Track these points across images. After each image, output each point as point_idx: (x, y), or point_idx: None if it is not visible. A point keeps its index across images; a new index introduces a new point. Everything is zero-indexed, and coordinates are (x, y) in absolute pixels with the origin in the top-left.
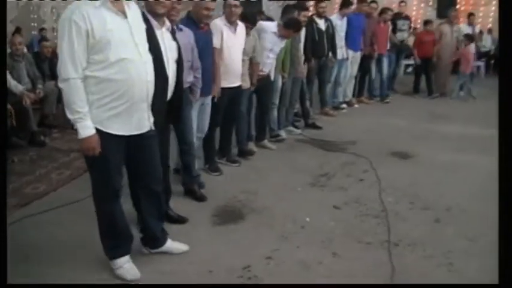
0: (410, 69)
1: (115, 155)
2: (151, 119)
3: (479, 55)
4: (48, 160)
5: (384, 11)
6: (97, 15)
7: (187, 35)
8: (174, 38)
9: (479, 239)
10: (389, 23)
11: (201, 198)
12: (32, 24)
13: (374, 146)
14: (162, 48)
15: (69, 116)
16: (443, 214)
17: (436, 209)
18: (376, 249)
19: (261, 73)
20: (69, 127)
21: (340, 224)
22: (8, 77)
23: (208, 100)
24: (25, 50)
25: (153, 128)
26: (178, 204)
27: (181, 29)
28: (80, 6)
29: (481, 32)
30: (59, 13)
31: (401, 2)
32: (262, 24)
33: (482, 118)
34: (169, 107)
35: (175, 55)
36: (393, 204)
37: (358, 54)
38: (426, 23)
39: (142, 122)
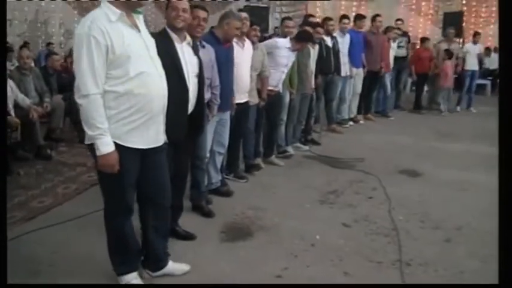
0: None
1: (131, 169)
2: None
3: (486, 73)
4: (54, 174)
5: (389, 29)
6: (114, 29)
7: (209, 53)
8: (196, 53)
9: (491, 259)
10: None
11: (208, 214)
12: (40, 39)
13: (381, 164)
14: (182, 63)
15: (89, 132)
16: (454, 233)
17: (446, 228)
18: (388, 269)
19: (275, 89)
20: (76, 141)
21: (350, 242)
22: (16, 90)
23: (227, 116)
24: (32, 64)
25: (166, 141)
26: (185, 220)
27: (204, 46)
28: (97, 20)
29: (488, 50)
30: (67, 28)
31: (398, 20)
32: (277, 40)
33: (488, 136)
34: (190, 120)
35: (196, 69)
36: (403, 222)
37: (361, 71)
38: (423, 40)
39: (158, 135)
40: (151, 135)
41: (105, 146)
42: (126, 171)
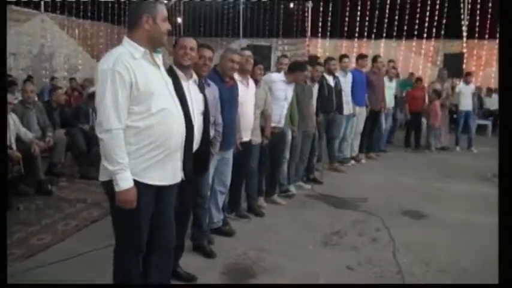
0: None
1: (147, 206)
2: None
3: (487, 114)
4: (54, 210)
5: (393, 69)
6: (138, 66)
7: (213, 91)
8: (202, 91)
9: None
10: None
11: (210, 255)
12: (44, 73)
13: (384, 204)
14: (188, 100)
15: (109, 167)
16: (460, 277)
17: (452, 271)
18: None
19: (278, 126)
20: (77, 176)
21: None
22: (19, 124)
23: (229, 154)
24: (36, 98)
25: (184, 178)
26: (186, 260)
27: (209, 84)
28: (121, 57)
29: (490, 91)
30: (72, 63)
31: (390, 61)
32: (271, 75)
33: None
34: (196, 157)
35: (201, 107)
36: (408, 265)
37: (364, 110)
38: (417, 80)
39: (175, 171)
40: (169, 171)
41: (126, 181)
42: (143, 208)
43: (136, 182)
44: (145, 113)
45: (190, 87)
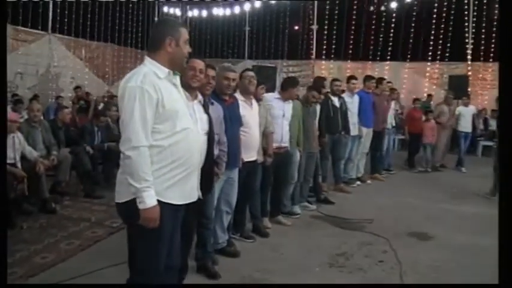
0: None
1: (169, 225)
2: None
3: (491, 135)
4: (57, 229)
5: (391, 90)
6: (162, 85)
7: (217, 110)
8: (206, 111)
9: None
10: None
11: (214, 276)
12: (50, 92)
13: (391, 225)
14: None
15: (136, 184)
16: None
17: None
18: None
19: (282, 145)
20: (81, 195)
21: None
22: (24, 143)
23: (234, 174)
24: (42, 117)
25: (201, 197)
26: (190, 281)
27: (212, 103)
28: (146, 76)
29: (494, 112)
30: (78, 83)
31: (388, 82)
32: (265, 96)
33: (497, 198)
34: (200, 177)
35: (206, 127)
36: None
37: (371, 131)
38: (414, 101)
39: (193, 190)
40: (188, 190)
41: (151, 199)
42: (165, 227)
43: (158, 201)
44: (169, 132)
45: (195, 107)
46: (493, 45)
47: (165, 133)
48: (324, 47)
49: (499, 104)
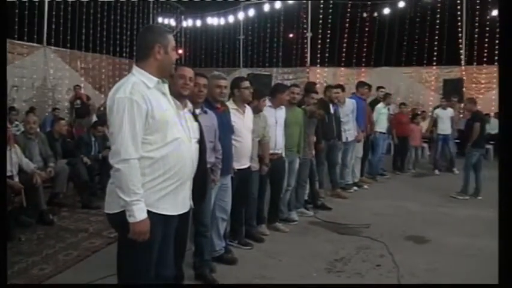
0: None
1: (158, 237)
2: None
3: (487, 138)
4: (55, 240)
5: (387, 95)
6: (152, 95)
7: (211, 118)
8: (196, 119)
9: None
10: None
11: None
12: (47, 104)
13: (388, 230)
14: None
15: (125, 198)
16: None
17: None
18: None
19: (277, 152)
20: (78, 206)
21: None
22: (21, 155)
23: (227, 180)
24: (38, 129)
25: (192, 206)
26: None
27: (206, 112)
28: (136, 86)
29: (487, 116)
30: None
31: (380, 87)
32: None
33: (494, 200)
34: (193, 186)
35: (197, 135)
36: None
37: (363, 135)
38: (401, 105)
39: (185, 200)
40: (180, 200)
41: (141, 213)
42: (155, 238)
43: (148, 213)
44: (160, 143)
45: (186, 115)
46: (486, 49)
47: (156, 144)
48: (319, 53)
49: (499, 106)
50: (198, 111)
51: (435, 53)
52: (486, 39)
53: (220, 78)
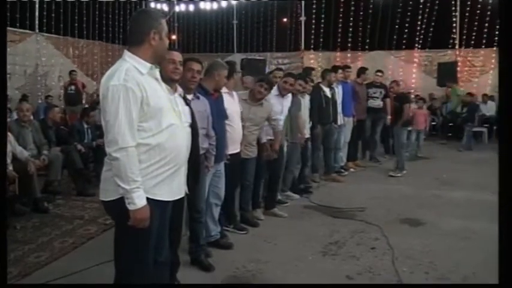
0: None
1: (157, 223)
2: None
3: (482, 121)
4: (51, 227)
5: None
6: (146, 82)
7: (204, 104)
8: (187, 103)
9: None
10: None
11: (208, 268)
12: (39, 91)
13: (382, 213)
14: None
15: (124, 186)
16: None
17: (452, 279)
18: None
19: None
20: (73, 193)
21: None
22: (14, 143)
23: (221, 166)
24: (31, 117)
25: (187, 192)
26: (184, 275)
27: (198, 97)
28: (128, 72)
29: (486, 97)
30: (66, 81)
31: (378, 71)
32: None
33: (488, 183)
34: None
35: (188, 119)
36: (408, 274)
37: (351, 120)
38: (389, 89)
39: (181, 186)
40: (176, 186)
41: (141, 199)
42: (155, 224)
43: (148, 200)
44: (155, 130)
45: (177, 100)
46: (480, 32)
47: (151, 131)
48: (313, 38)
49: (499, 105)
50: (190, 96)
51: (429, 36)
52: (481, 22)
53: (225, 68)
